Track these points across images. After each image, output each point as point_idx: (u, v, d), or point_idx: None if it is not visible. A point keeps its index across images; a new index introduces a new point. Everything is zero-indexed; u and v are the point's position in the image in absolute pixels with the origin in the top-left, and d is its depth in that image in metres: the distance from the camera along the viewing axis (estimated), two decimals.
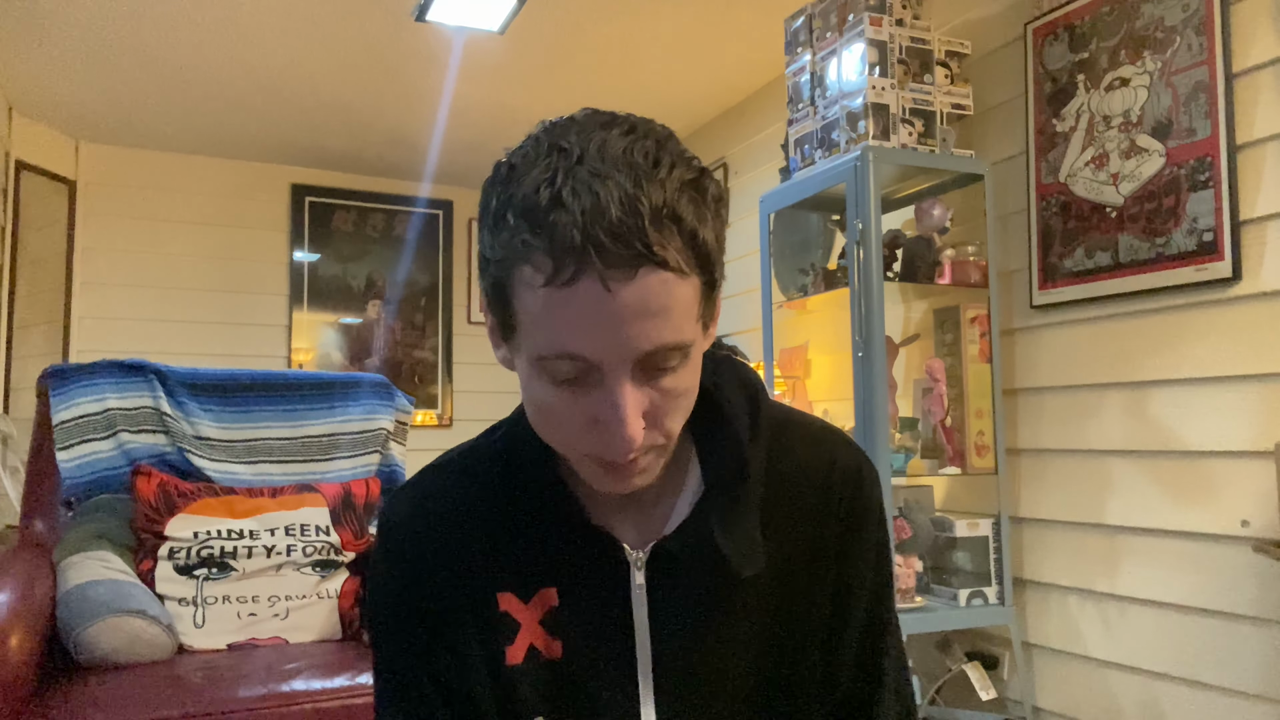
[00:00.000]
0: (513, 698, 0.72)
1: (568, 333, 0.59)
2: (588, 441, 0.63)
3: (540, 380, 0.63)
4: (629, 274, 0.57)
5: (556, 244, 0.57)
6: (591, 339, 0.58)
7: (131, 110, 3.75)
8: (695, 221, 0.60)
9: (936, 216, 2.38)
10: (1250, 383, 1.81)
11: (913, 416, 2.40)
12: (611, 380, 0.60)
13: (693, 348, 0.63)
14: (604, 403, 0.61)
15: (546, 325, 0.59)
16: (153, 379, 2.36)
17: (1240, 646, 1.82)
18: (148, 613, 1.92)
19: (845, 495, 0.77)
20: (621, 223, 0.56)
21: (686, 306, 0.60)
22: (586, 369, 0.60)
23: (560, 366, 0.60)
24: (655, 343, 0.59)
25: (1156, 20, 1.97)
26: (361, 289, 4.66)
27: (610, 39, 3.11)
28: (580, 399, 0.62)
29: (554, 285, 0.57)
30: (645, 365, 0.61)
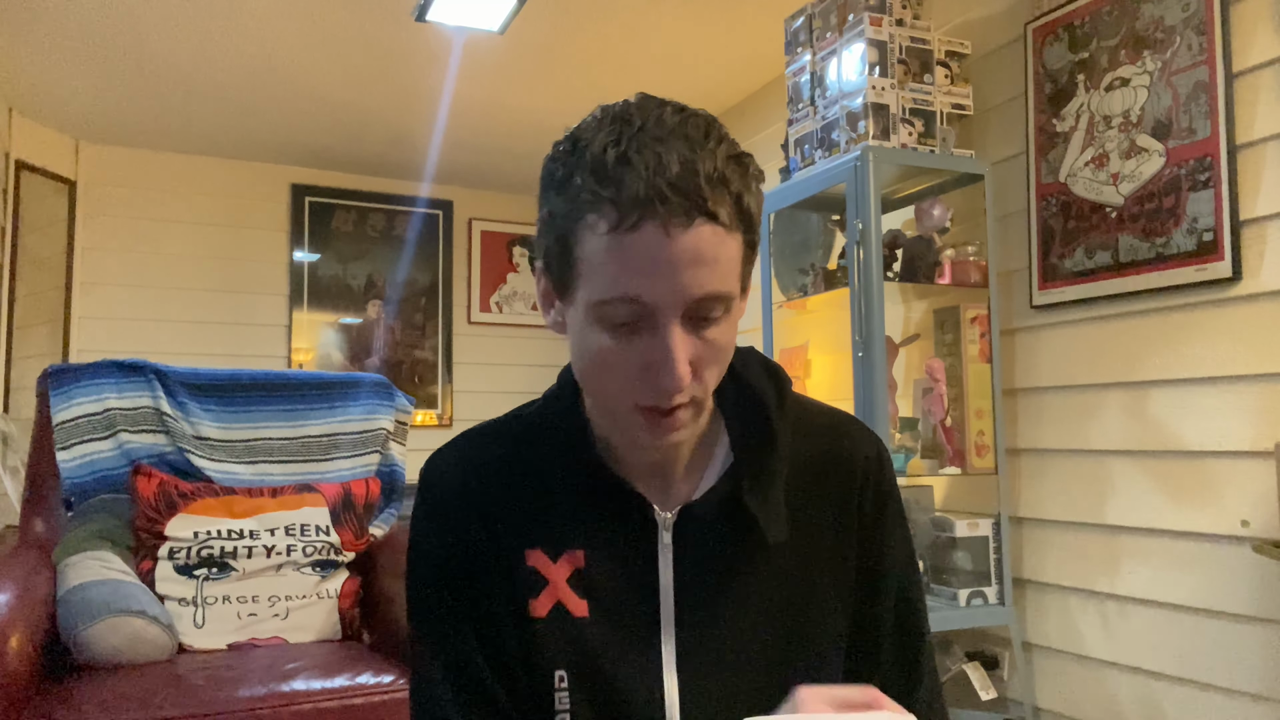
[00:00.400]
0: (536, 650, 0.75)
1: (628, 276, 0.65)
2: (637, 388, 0.68)
3: (595, 329, 0.68)
4: (686, 223, 0.64)
5: (624, 194, 0.64)
6: (651, 282, 0.65)
7: (131, 110, 3.75)
8: (741, 187, 0.67)
9: (936, 216, 2.38)
10: (1250, 383, 1.81)
11: (913, 416, 2.40)
12: (664, 325, 0.66)
13: (733, 302, 0.69)
14: (656, 347, 0.66)
15: (608, 270, 0.65)
16: (153, 379, 2.36)
17: (1240, 646, 1.82)
18: (148, 613, 1.92)
19: (870, 481, 0.82)
20: (681, 179, 0.64)
21: (732, 260, 0.68)
22: (641, 313, 0.66)
23: (618, 310, 0.66)
24: (705, 289, 0.66)
25: (1156, 20, 1.97)
26: (361, 289, 4.66)
27: (610, 39, 3.11)
28: (633, 344, 0.67)
29: (619, 231, 0.64)
30: (692, 314, 0.67)
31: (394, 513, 2.53)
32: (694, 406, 0.71)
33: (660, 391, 0.68)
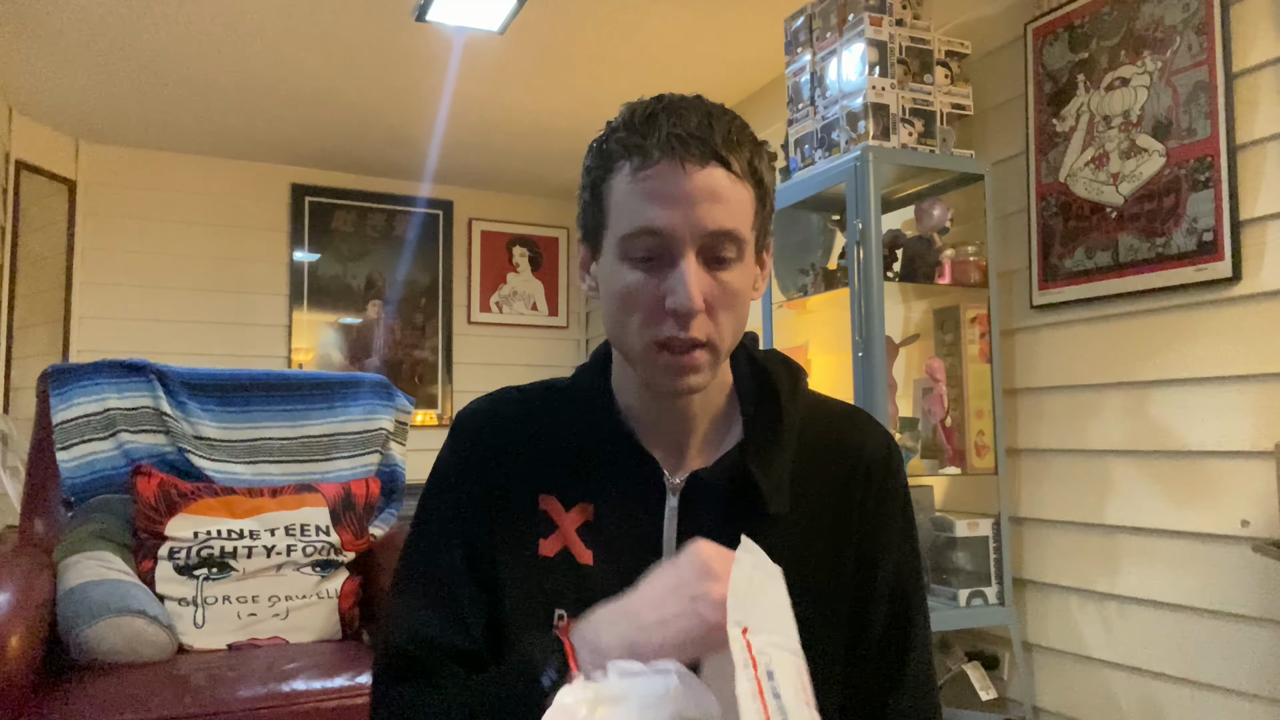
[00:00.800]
0: (541, 587, 0.80)
1: (648, 207, 0.73)
2: (657, 322, 0.75)
3: (621, 267, 0.76)
4: (701, 164, 0.73)
5: (648, 139, 0.74)
6: (668, 213, 0.73)
7: (131, 110, 3.75)
8: (753, 151, 0.78)
9: (936, 216, 2.38)
10: (1250, 383, 1.81)
11: (913, 416, 2.40)
12: (680, 258, 0.74)
13: (745, 247, 0.77)
14: (673, 277, 0.74)
15: (632, 205, 0.75)
16: (153, 379, 2.36)
17: (1240, 646, 1.82)
18: (148, 613, 1.92)
19: (873, 476, 0.84)
20: (699, 130, 0.74)
21: (743, 206, 0.76)
22: (660, 246, 0.74)
23: (640, 243, 0.74)
24: (718, 223, 0.74)
25: (1156, 20, 1.97)
26: (361, 289, 4.66)
27: (610, 39, 3.11)
28: (653, 278, 0.75)
29: (642, 169, 0.74)
30: (706, 252, 0.75)
31: (394, 513, 2.53)
32: (710, 351, 0.76)
33: (677, 318, 0.74)
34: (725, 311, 0.76)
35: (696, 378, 0.77)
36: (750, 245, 0.79)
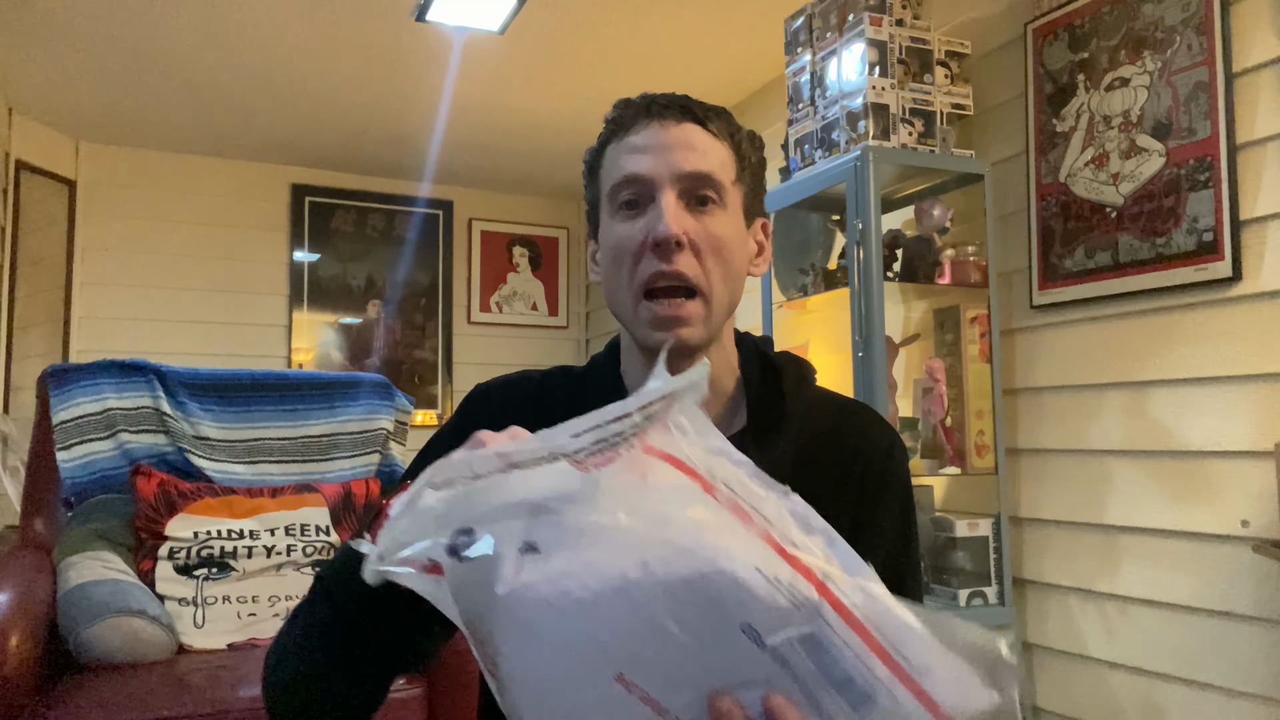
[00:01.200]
0: None
1: (630, 160, 0.79)
2: (644, 265, 0.77)
3: (612, 221, 0.81)
4: (678, 120, 0.80)
5: (630, 110, 0.81)
6: (646, 160, 0.78)
7: (131, 110, 3.75)
8: (734, 126, 0.83)
9: (936, 216, 2.38)
10: (1250, 383, 1.81)
11: (913, 416, 2.40)
12: (660, 196, 0.78)
13: (726, 194, 0.80)
14: (654, 214, 0.77)
15: (616, 163, 0.80)
16: (153, 379, 2.36)
17: (1240, 646, 1.82)
18: (148, 613, 1.92)
19: (872, 464, 0.84)
20: (678, 98, 0.82)
21: (721, 159, 0.81)
22: (643, 191, 0.78)
23: (624, 191, 0.79)
24: (694, 165, 0.78)
25: (1156, 20, 1.97)
26: (361, 289, 4.66)
27: (610, 39, 3.11)
28: (637, 223, 0.78)
29: (625, 133, 0.81)
30: (686, 194, 0.79)
31: None
32: (701, 303, 0.78)
33: (659, 251, 0.76)
34: (712, 257, 0.78)
35: (687, 330, 0.78)
36: (734, 199, 0.82)
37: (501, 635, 0.51)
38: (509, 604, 0.50)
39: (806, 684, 0.49)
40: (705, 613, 0.49)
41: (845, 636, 0.49)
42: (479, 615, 0.51)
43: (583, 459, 0.52)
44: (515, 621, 0.50)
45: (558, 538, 0.50)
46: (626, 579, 0.49)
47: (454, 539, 0.51)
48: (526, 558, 0.50)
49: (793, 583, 0.49)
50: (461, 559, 0.50)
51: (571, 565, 0.49)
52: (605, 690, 0.50)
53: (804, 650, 0.49)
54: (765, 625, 0.49)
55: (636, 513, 0.51)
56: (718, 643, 0.49)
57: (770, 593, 0.49)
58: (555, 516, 0.51)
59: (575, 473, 0.52)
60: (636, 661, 0.50)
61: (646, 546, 0.50)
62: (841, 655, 0.49)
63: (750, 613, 0.49)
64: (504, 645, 0.51)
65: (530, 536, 0.51)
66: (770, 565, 0.50)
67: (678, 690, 0.50)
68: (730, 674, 0.50)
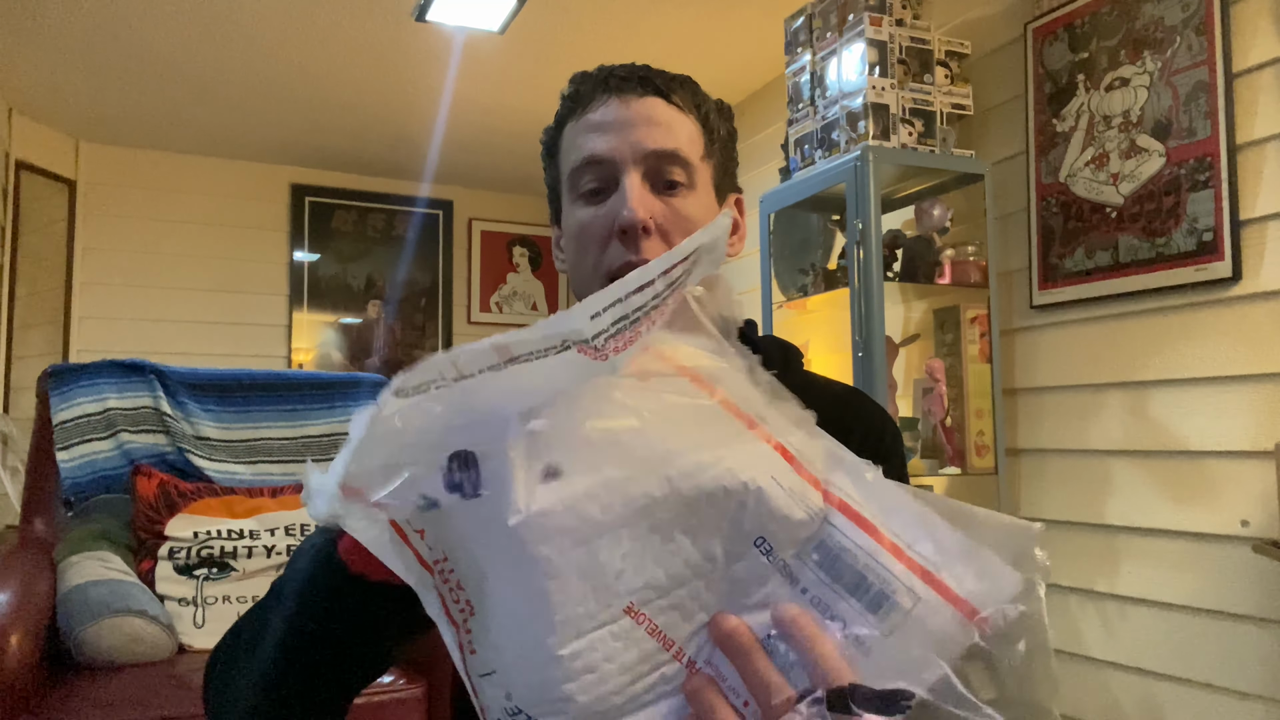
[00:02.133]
0: None
1: (590, 140, 0.74)
2: (610, 252, 0.74)
3: (575, 207, 0.76)
4: (639, 95, 0.75)
5: (587, 85, 0.76)
6: (607, 140, 0.73)
7: (131, 110, 3.75)
8: (699, 95, 0.79)
9: (936, 216, 2.38)
10: (1250, 383, 1.81)
11: (913, 416, 2.40)
12: (624, 179, 0.73)
13: (694, 172, 0.76)
14: (619, 199, 0.73)
15: (576, 143, 0.75)
16: (153, 379, 2.36)
17: (1240, 646, 1.82)
18: (148, 613, 1.92)
19: (868, 441, 0.82)
20: (637, 70, 0.76)
21: (688, 135, 0.76)
22: (605, 174, 0.74)
23: (586, 174, 0.75)
24: (658, 143, 0.73)
25: (1156, 20, 1.97)
26: (361, 289, 4.66)
27: (610, 39, 3.11)
28: (602, 208, 0.74)
29: (583, 111, 0.75)
30: (652, 175, 0.74)
31: None
32: None
33: (624, 239, 0.72)
34: (681, 238, 0.71)
35: None
36: (703, 176, 0.77)
37: (499, 574, 0.44)
38: (519, 536, 0.42)
39: (820, 598, 0.46)
40: (722, 528, 0.45)
41: (855, 538, 0.46)
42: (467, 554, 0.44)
43: (602, 344, 0.45)
44: (522, 557, 0.42)
45: (573, 453, 0.44)
46: (651, 498, 0.44)
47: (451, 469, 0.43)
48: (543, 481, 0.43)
49: (804, 492, 0.46)
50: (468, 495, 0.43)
51: (593, 486, 0.43)
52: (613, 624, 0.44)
53: (816, 558, 0.46)
54: (780, 538, 0.46)
55: (655, 416, 0.45)
56: (729, 560, 0.45)
57: (787, 503, 0.46)
58: (566, 425, 0.44)
59: (590, 364, 0.44)
60: (649, 589, 0.44)
61: (669, 459, 0.44)
62: (854, 558, 0.45)
63: (766, 525, 0.45)
64: (498, 586, 0.44)
65: (547, 456, 0.43)
66: (784, 475, 0.46)
67: (687, 619, 0.45)
68: (740, 597, 0.46)
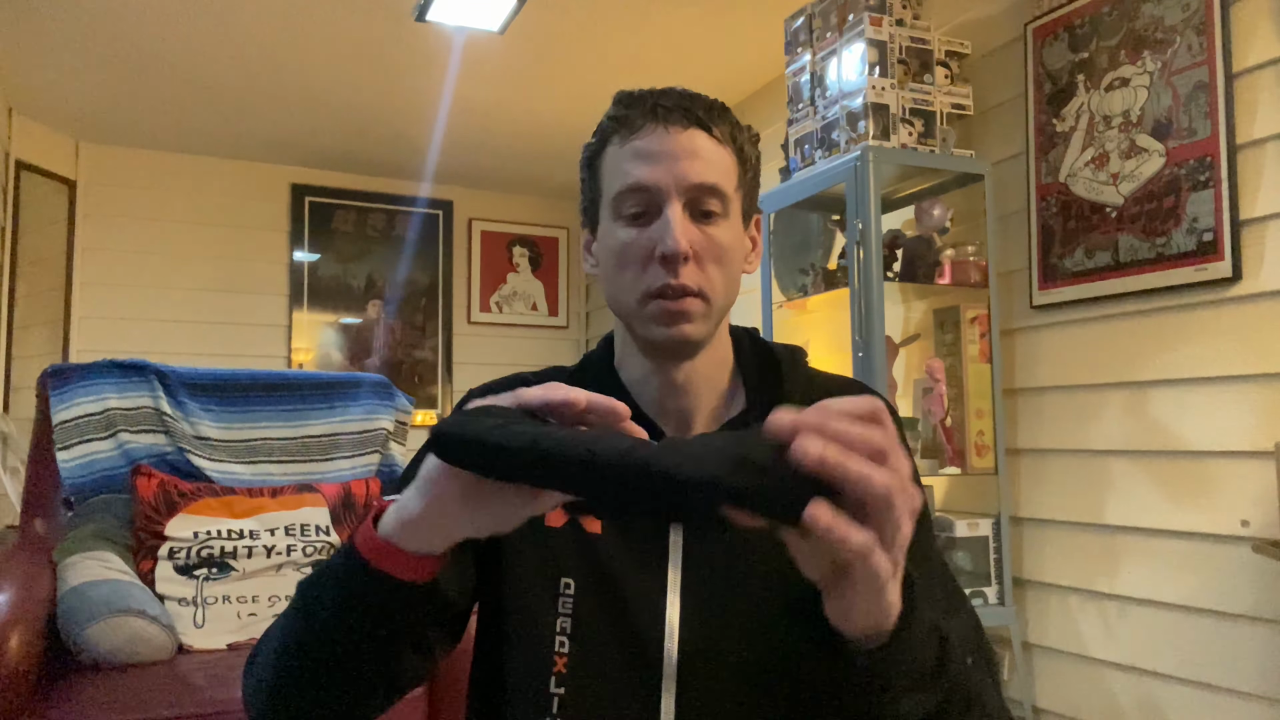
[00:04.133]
0: (548, 556, 0.80)
1: (636, 167, 0.79)
2: (649, 272, 0.79)
3: (615, 226, 0.81)
4: (684, 126, 0.80)
5: (634, 110, 0.81)
6: (653, 169, 0.79)
7: (131, 110, 3.75)
8: (734, 126, 0.83)
9: (936, 216, 2.38)
10: (1250, 383, 1.81)
11: (913, 416, 2.40)
12: (667, 208, 0.78)
13: (730, 204, 0.81)
14: (661, 227, 0.78)
15: (621, 166, 0.80)
16: (153, 379, 2.36)
17: (1240, 646, 1.82)
18: (148, 613, 1.92)
19: None
20: (682, 100, 0.81)
21: (726, 168, 0.81)
22: (649, 201, 0.79)
23: (630, 199, 0.80)
24: (700, 176, 0.79)
25: (1156, 20, 1.97)
26: (361, 289, 4.66)
27: (610, 39, 3.11)
28: (644, 233, 0.79)
29: (630, 135, 0.80)
30: (692, 205, 0.79)
31: None
32: (702, 300, 0.79)
33: (665, 264, 0.78)
34: (714, 265, 0.80)
35: (690, 326, 0.79)
36: (735, 206, 0.82)
37: None
38: None
39: None
40: None
41: None
42: None
43: None
44: None
45: None
46: None
47: None
48: None
49: None
50: None
51: None
52: None
53: None
54: None
55: None
56: None
57: None
58: None
59: None
60: None
61: None
62: None
63: None
64: None
65: None
66: None
67: None
68: None
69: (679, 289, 0.77)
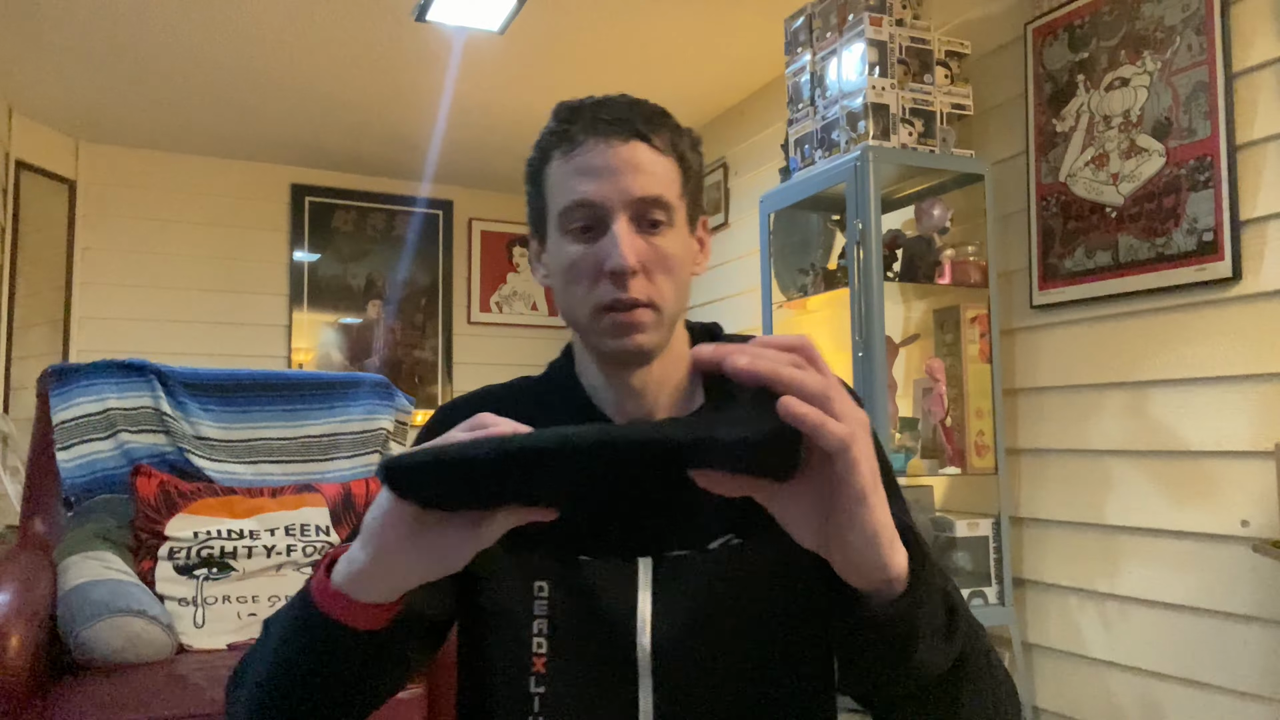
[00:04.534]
0: (523, 560, 0.81)
1: (580, 182, 0.79)
2: (598, 287, 0.79)
3: (563, 242, 0.81)
4: (625, 139, 0.80)
5: (575, 125, 0.81)
6: (597, 184, 0.79)
7: (131, 110, 3.75)
8: (673, 133, 0.83)
9: (936, 216, 2.38)
10: (1250, 383, 1.81)
11: (913, 416, 2.40)
12: (612, 223, 0.79)
13: (675, 214, 0.82)
14: (608, 242, 0.79)
15: (565, 183, 0.80)
16: (153, 379, 2.36)
17: (1240, 646, 1.82)
18: (148, 613, 1.92)
19: None
20: (622, 111, 0.81)
21: (669, 178, 0.82)
22: (595, 215, 0.79)
23: (576, 214, 0.80)
24: (644, 189, 0.79)
25: (1156, 20, 1.97)
26: (361, 289, 4.66)
27: (610, 39, 3.11)
28: (592, 248, 0.79)
29: (572, 152, 0.80)
30: (638, 215, 0.80)
31: None
32: (653, 311, 0.80)
33: (614, 279, 0.78)
34: (663, 275, 0.80)
35: (642, 336, 0.80)
36: (680, 214, 0.83)
37: None
38: None
39: None
40: None
41: None
42: None
43: None
44: None
45: None
46: None
47: None
48: None
49: None
50: None
51: None
52: None
53: None
54: None
55: None
56: None
57: None
58: None
59: None
60: None
61: None
62: None
63: None
64: None
65: None
66: None
67: None
68: None
69: (629, 302, 0.78)
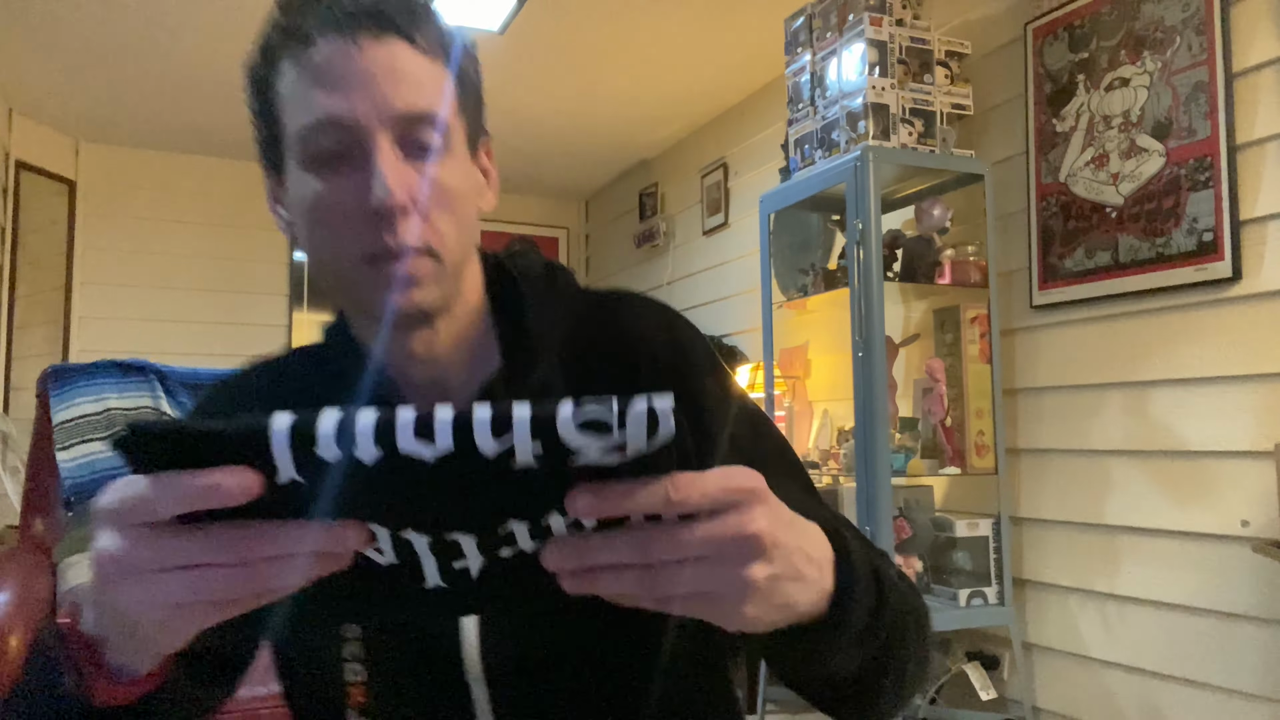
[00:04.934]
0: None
1: (323, 95, 0.61)
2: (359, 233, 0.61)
3: (306, 175, 0.63)
4: (377, 37, 0.61)
5: (308, 19, 0.61)
6: (346, 97, 0.60)
7: (131, 110, 3.75)
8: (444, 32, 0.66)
9: (936, 216, 2.38)
10: (1250, 383, 1.81)
11: (913, 416, 2.40)
12: (371, 149, 0.61)
13: (452, 135, 0.64)
14: (367, 172, 0.61)
15: (303, 96, 0.61)
16: (153, 379, 2.36)
17: (1240, 646, 1.82)
18: None
19: (657, 358, 0.71)
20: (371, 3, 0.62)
21: (439, 86, 0.64)
22: (346, 140, 0.61)
23: (321, 139, 0.61)
24: (409, 103, 0.61)
25: (1156, 20, 1.97)
26: None
27: (610, 39, 3.11)
28: (345, 182, 0.61)
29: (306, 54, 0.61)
30: (404, 137, 0.62)
31: None
32: (432, 260, 0.63)
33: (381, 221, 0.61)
34: (442, 212, 0.63)
35: (421, 293, 0.63)
36: (459, 135, 0.66)
37: None
38: None
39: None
40: None
41: None
42: None
43: None
44: None
45: None
46: None
47: None
48: None
49: None
50: None
51: None
52: None
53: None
54: None
55: None
56: None
57: None
58: None
59: None
60: None
61: None
62: None
63: None
64: None
65: None
66: None
67: None
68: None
69: (400, 250, 0.61)
